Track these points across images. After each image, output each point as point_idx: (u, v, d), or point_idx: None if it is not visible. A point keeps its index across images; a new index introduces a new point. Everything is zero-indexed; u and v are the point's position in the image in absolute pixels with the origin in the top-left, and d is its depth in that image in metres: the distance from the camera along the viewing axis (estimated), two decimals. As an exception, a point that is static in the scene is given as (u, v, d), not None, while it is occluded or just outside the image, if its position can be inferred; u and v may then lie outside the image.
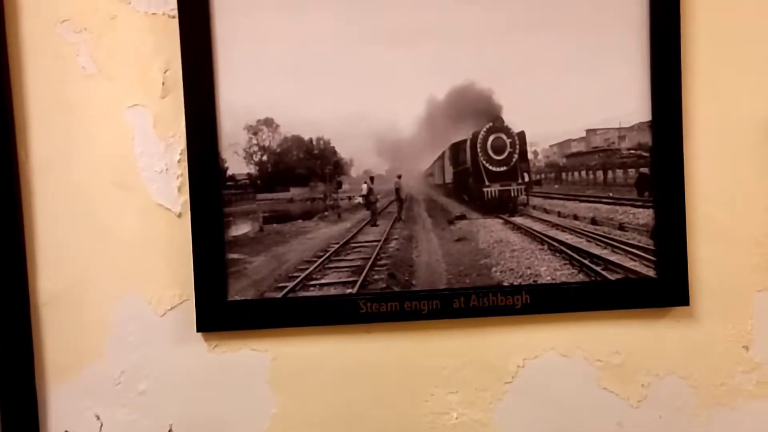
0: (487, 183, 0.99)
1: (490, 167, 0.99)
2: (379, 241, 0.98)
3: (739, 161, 0.99)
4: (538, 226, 0.99)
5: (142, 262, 0.96)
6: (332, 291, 0.97)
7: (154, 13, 0.95)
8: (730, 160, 0.99)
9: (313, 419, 0.98)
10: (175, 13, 0.93)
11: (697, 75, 0.98)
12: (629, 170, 0.99)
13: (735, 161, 0.99)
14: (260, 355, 0.97)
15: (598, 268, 0.98)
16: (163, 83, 0.95)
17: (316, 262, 0.97)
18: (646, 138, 0.98)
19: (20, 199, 0.94)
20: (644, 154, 0.98)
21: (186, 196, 0.95)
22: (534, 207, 0.99)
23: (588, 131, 0.98)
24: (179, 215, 0.96)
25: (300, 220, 0.98)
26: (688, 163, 0.98)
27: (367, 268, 0.97)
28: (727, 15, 0.98)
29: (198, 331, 0.95)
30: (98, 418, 0.96)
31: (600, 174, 1.00)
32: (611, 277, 0.98)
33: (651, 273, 0.98)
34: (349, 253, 0.98)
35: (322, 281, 0.97)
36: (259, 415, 0.98)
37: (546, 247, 0.99)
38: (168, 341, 0.97)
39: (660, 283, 0.98)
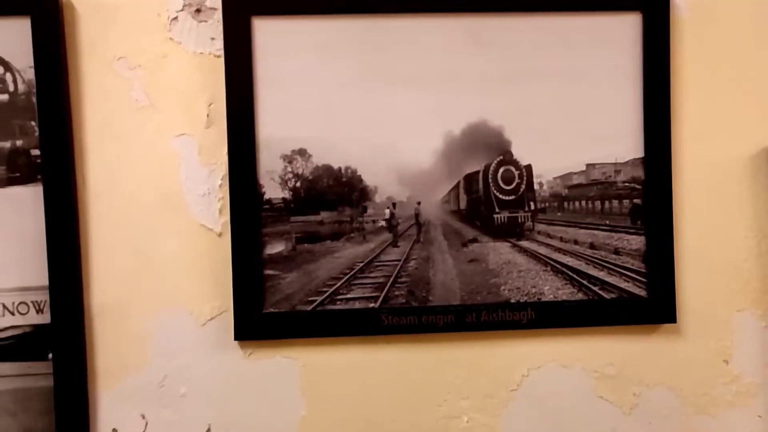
0: (497, 210, 1.10)
1: (500, 196, 1.10)
2: (399, 260, 1.08)
3: (722, 194, 1.10)
4: (542, 250, 1.09)
5: (186, 277, 1.05)
6: (357, 305, 1.06)
7: (201, 53, 1.05)
8: (714, 193, 1.10)
9: (339, 421, 1.07)
10: (221, 53, 1.03)
11: (686, 118, 1.09)
12: (624, 201, 1.10)
13: (718, 194, 1.10)
14: (291, 362, 1.07)
15: (595, 288, 1.09)
16: (207, 115, 1.05)
17: (342, 278, 1.07)
18: (640, 172, 1.08)
19: (77, 220, 1.03)
20: (637, 186, 1.08)
21: (226, 218, 1.04)
22: (539, 232, 1.10)
23: (588, 165, 1.09)
24: (220, 235, 1.06)
25: (329, 241, 1.08)
26: (677, 195, 1.08)
27: (389, 285, 1.07)
28: (711, 66, 1.09)
29: (235, 339, 1.04)
30: (143, 417, 1.05)
31: (598, 204, 1.10)
32: (607, 296, 1.08)
33: (642, 293, 1.08)
34: (372, 271, 1.08)
35: (348, 296, 1.07)
36: (290, 417, 1.07)
37: (549, 268, 1.09)
38: (207, 349, 1.06)
39: (650, 302, 1.08)
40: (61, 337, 1.01)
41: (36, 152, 1.01)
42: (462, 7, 1.06)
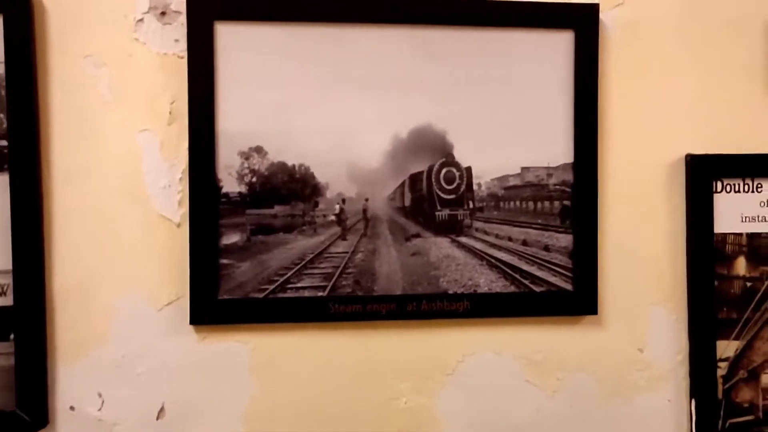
0: (438, 208, 1.18)
1: (442, 195, 1.18)
2: (347, 253, 1.16)
3: (642, 198, 1.19)
4: (479, 245, 1.18)
5: (145, 263, 1.11)
6: (306, 293, 1.13)
7: (165, 53, 1.10)
8: (635, 197, 1.19)
9: (286, 401, 1.14)
10: (184, 54, 1.09)
11: (611, 127, 1.18)
12: (555, 202, 1.18)
13: (639, 198, 1.19)
14: (243, 346, 1.13)
15: (526, 282, 1.18)
16: (170, 113, 1.10)
17: (293, 268, 1.14)
18: (569, 176, 1.17)
19: (41, 206, 1.07)
20: (567, 189, 1.17)
21: (184, 209, 1.10)
22: (476, 229, 1.18)
23: (522, 169, 1.16)
24: (178, 225, 1.11)
25: (282, 233, 1.14)
26: (602, 198, 1.17)
27: (337, 275, 1.14)
28: (635, 81, 1.19)
29: (191, 323, 1.10)
30: (100, 395, 1.11)
31: (531, 204, 1.18)
32: (537, 289, 1.17)
33: (569, 287, 1.17)
34: (321, 262, 1.15)
35: (298, 285, 1.14)
36: (240, 396, 1.13)
37: (485, 262, 1.18)
38: (164, 332, 1.11)
39: (575, 296, 1.17)
40: (22, 318, 1.06)
41: (4, 143, 1.05)
42: (414, 20, 1.13)
